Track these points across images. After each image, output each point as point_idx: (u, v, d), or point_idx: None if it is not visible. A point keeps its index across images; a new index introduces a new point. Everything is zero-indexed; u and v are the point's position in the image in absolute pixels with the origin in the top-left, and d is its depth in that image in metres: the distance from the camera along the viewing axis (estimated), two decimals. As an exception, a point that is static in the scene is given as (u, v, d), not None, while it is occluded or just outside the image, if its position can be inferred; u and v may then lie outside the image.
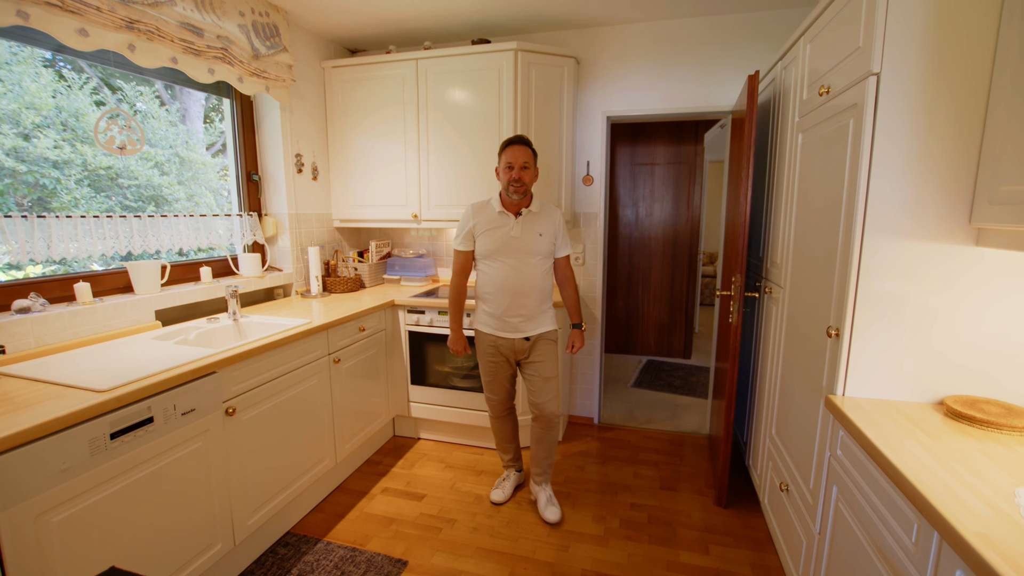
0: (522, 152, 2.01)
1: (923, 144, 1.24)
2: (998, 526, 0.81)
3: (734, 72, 2.79)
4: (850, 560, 1.25)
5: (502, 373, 2.24)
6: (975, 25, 1.18)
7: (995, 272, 1.26)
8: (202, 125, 2.65)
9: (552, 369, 2.18)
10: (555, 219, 2.15)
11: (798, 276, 1.78)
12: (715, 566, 1.96)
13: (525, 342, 2.15)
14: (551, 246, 2.13)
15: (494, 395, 2.29)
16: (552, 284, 2.21)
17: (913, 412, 1.26)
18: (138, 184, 2.31)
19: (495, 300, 2.11)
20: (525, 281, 2.07)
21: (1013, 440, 1.12)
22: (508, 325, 2.13)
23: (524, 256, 2.07)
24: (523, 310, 2.10)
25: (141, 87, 2.32)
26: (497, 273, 2.08)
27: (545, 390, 2.18)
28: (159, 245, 2.22)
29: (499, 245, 2.06)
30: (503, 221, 2.08)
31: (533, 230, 2.08)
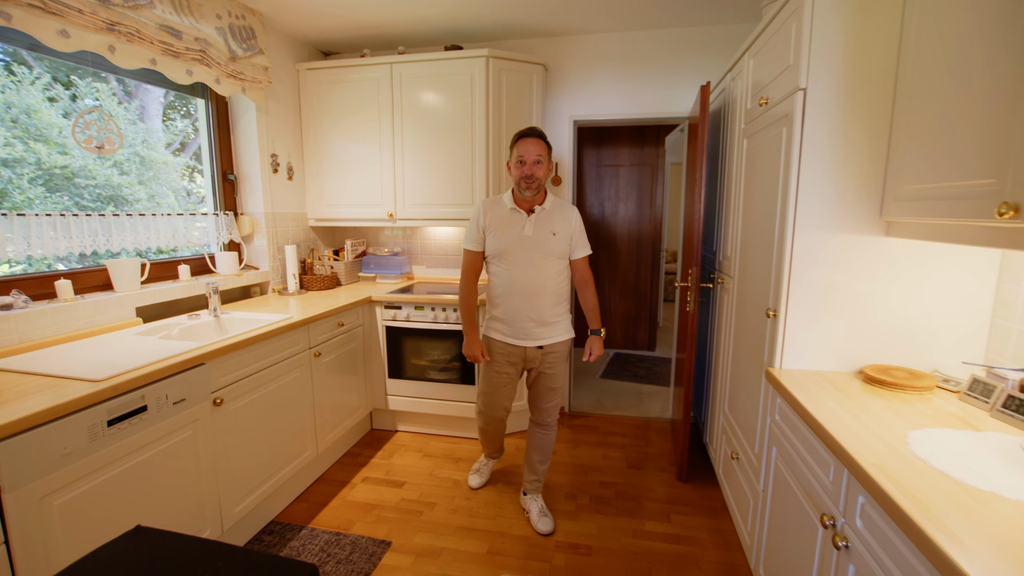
0: (535, 145, 1.88)
1: (842, 150, 1.45)
2: (890, 460, 1.00)
3: (690, 81, 3.02)
4: (786, 508, 1.44)
5: (505, 388, 2.10)
6: (881, 50, 1.40)
7: (902, 258, 1.48)
8: (161, 123, 2.60)
9: (562, 379, 2.11)
10: (571, 218, 2.02)
11: (745, 267, 1.99)
12: (676, 532, 2.15)
13: (537, 351, 2.02)
14: (566, 247, 2.00)
15: (490, 409, 2.16)
16: (568, 288, 2.08)
17: (837, 379, 1.47)
18: (96, 184, 2.25)
19: (506, 303, 1.99)
20: (538, 283, 1.94)
21: (914, 398, 1.33)
22: (521, 331, 1.99)
23: (537, 257, 1.94)
24: (536, 314, 1.97)
25: (97, 84, 2.26)
26: (508, 275, 1.96)
27: (550, 399, 2.12)
28: (124, 244, 2.18)
29: (510, 245, 1.94)
30: (515, 219, 1.96)
31: (546, 229, 1.95)
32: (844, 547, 1.06)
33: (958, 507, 0.85)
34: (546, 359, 2.04)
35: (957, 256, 1.45)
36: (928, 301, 1.49)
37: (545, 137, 1.92)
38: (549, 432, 2.19)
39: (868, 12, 1.39)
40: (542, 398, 2.13)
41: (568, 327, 2.08)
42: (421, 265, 3.60)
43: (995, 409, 1.22)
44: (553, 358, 2.05)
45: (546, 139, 1.92)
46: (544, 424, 2.17)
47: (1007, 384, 1.23)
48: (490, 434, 2.34)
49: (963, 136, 1.11)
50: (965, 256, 1.45)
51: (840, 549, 1.08)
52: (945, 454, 1.02)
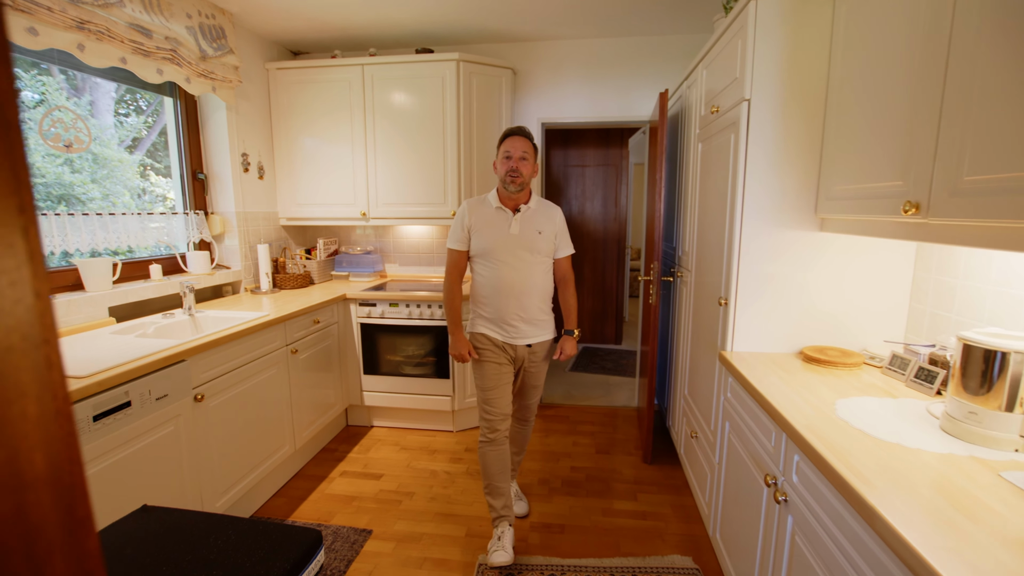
0: (521, 143, 1.89)
1: (782, 155, 1.63)
2: (819, 423, 1.17)
3: (650, 86, 3.19)
4: (737, 476, 1.61)
5: (505, 378, 2.00)
6: (814, 68, 1.57)
7: (835, 251, 1.67)
8: (113, 119, 2.50)
9: (543, 376, 2.12)
10: (555, 217, 2.02)
11: (701, 261, 2.16)
12: (642, 509, 2.31)
13: (527, 349, 2.00)
14: (551, 245, 1.99)
15: (495, 407, 1.97)
16: (552, 286, 2.06)
17: (780, 359, 1.65)
18: (45, 182, 2.16)
19: (493, 303, 1.95)
20: (525, 282, 1.93)
21: (845, 373, 1.51)
22: (511, 330, 1.96)
23: (524, 255, 1.92)
24: (525, 313, 1.95)
25: (44, 78, 2.14)
26: (494, 274, 1.93)
27: (532, 396, 2.15)
28: (79, 245, 2.11)
29: (496, 244, 1.92)
30: (500, 218, 1.94)
31: (532, 228, 1.94)
32: (783, 501, 1.22)
33: (869, 456, 1.01)
34: (531, 357, 2.03)
35: (881, 248, 1.65)
36: (858, 288, 1.68)
37: (531, 137, 1.94)
38: (527, 426, 2.24)
39: (802, 34, 1.56)
40: (525, 396, 2.14)
41: (552, 326, 2.07)
42: (394, 263, 3.66)
43: (909, 379, 1.41)
44: (538, 356, 2.05)
45: (532, 139, 1.94)
46: (524, 419, 2.21)
47: (919, 358, 1.43)
48: (493, 459, 1.98)
49: (879, 144, 1.29)
50: (887, 248, 1.65)
51: (780, 503, 1.24)
52: (865, 417, 1.19)
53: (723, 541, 1.77)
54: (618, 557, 1.98)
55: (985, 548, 0.75)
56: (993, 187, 0.93)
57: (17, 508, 0.24)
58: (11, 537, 0.24)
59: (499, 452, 1.99)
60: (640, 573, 1.89)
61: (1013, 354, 1.02)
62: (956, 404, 1.11)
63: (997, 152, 0.92)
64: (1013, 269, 1.27)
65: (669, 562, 1.94)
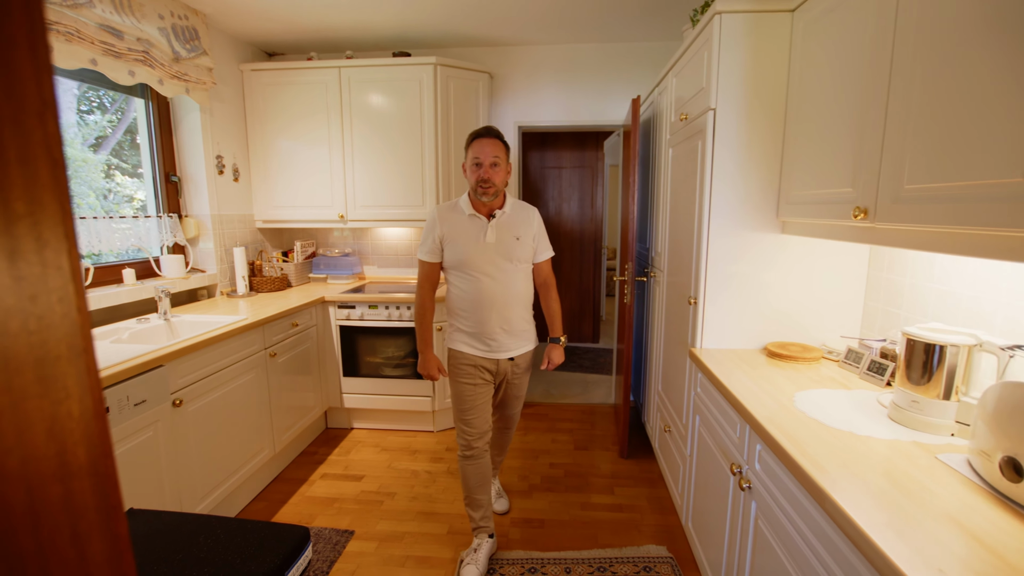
0: (492, 146, 1.73)
1: (745, 161, 1.71)
2: (779, 414, 1.25)
3: (624, 92, 3.28)
4: (707, 467, 1.69)
5: (482, 399, 1.90)
6: (774, 80, 1.67)
7: (796, 251, 1.76)
8: (75, 117, 2.43)
9: (525, 387, 2.05)
10: (532, 219, 1.89)
11: (673, 261, 2.24)
12: (619, 502, 2.38)
13: (510, 362, 1.90)
14: (530, 250, 1.87)
15: (473, 427, 1.89)
16: (532, 293, 1.96)
17: (746, 355, 1.74)
18: None
19: (473, 317, 1.82)
20: (506, 292, 1.81)
21: (805, 367, 1.61)
22: (492, 344, 1.84)
23: (502, 264, 1.80)
24: (508, 325, 1.83)
25: None
26: (472, 286, 1.80)
27: (515, 406, 2.10)
28: None
29: (472, 254, 1.78)
30: (474, 226, 1.80)
31: (509, 234, 1.81)
32: (748, 488, 1.30)
33: (823, 443, 1.10)
34: (514, 370, 1.93)
35: (838, 249, 1.75)
36: (817, 286, 1.79)
37: (502, 137, 1.79)
38: (509, 432, 2.22)
39: (763, 48, 1.65)
40: (507, 406, 2.08)
41: (534, 334, 1.98)
42: (373, 265, 3.66)
43: (863, 372, 1.51)
44: (521, 368, 1.95)
45: (503, 139, 1.78)
46: (505, 427, 2.19)
47: (872, 352, 1.53)
48: (473, 473, 1.93)
49: (832, 153, 1.38)
50: (843, 249, 1.75)
51: (745, 490, 1.32)
52: (821, 407, 1.28)
53: (695, 530, 1.86)
54: (596, 549, 2.05)
55: (918, 522, 0.83)
56: (930, 195, 1.02)
57: (65, 495, 0.28)
58: (61, 519, 0.28)
59: (478, 466, 1.93)
60: (617, 563, 1.96)
61: (949, 347, 1.12)
62: (901, 394, 1.20)
63: (931, 164, 1.01)
64: (952, 269, 1.38)
65: (644, 552, 2.02)
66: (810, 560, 1.00)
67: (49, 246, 0.27)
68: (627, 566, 1.94)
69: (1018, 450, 0.86)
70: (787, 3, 1.61)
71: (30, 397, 0.27)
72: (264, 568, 0.80)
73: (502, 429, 2.20)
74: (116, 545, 0.32)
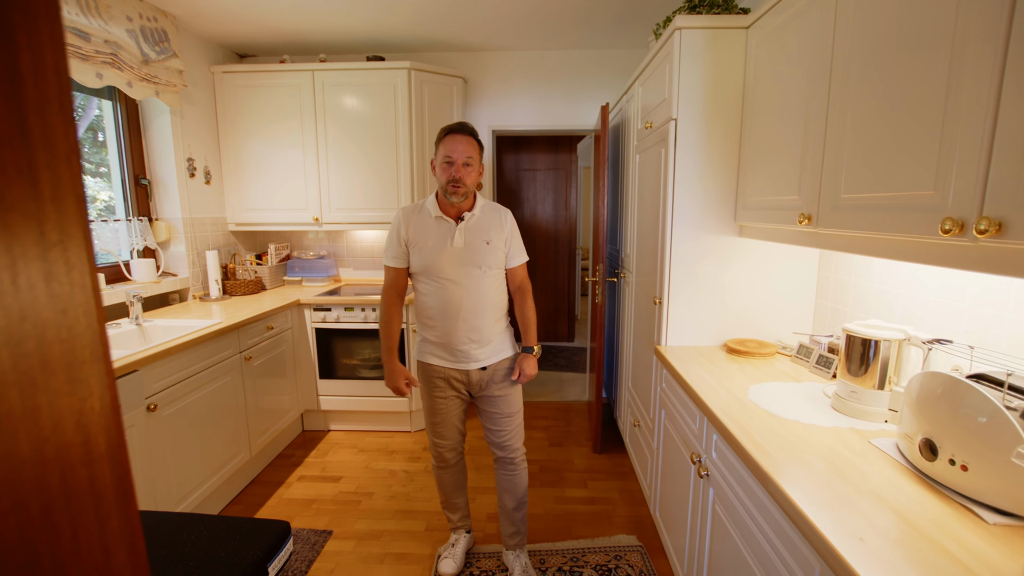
0: (465, 144, 1.62)
1: (705, 168, 1.81)
2: (733, 405, 1.34)
3: (595, 97, 3.37)
4: (671, 458, 1.78)
5: (453, 412, 1.82)
6: (731, 92, 1.77)
7: (753, 253, 1.87)
8: None
9: (516, 403, 1.83)
10: (504, 222, 1.77)
11: (640, 263, 2.34)
12: (592, 495, 2.47)
13: (481, 372, 1.77)
14: (502, 255, 1.75)
15: (442, 440, 1.84)
16: (507, 299, 1.83)
17: (707, 352, 1.84)
18: None
19: (440, 326, 1.72)
20: (475, 300, 1.70)
21: (761, 362, 1.72)
22: (459, 354, 1.73)
23: (470, 270, 1.68)
24: (475, 334, 1.72)
25: None
26: (439, 293, 1.69)
27: (507, 427, 1.83)
28: None
29: (438, 259, 1.67)
30: (441, 229, 1.69)
31: (479, 238, 1.70)
32: (706, 475, 1.39)
33: (771, 432, 1.19)
34: (492, 380, 1.79)
35: (791, 250, 1.87)
36: (773, 286, 1.90)
37: (476, 135, 1.68)
38: (518, 470, 1.87)
39: (721, 62, 1.75)
40: (499, 428, 1.83)
41: (510, 341, 1.84)
42: (348, 267, 3.67)
43: (812, 366, 1.62)
44: (500, 377, 1.79)
45: (477, 137, 1.68)
46: (509, 461, 1.86)
47: (820, 347, 1.64)
48: (448, 480, 1.93)
49: (781, 162, 1.48)
50: (796, 250, 1.87)
51: (703, 478, 1.41)
52: (771, 399, 1.38)
53: (662, 518, 1.95)
54: (570, 540, 2.13)
55: (849, 500, 0.92)
56: (862, 204, 1.12)
57: (90, 477, 0.33)
58: (87, 498, 0.33)
59: (453, 472, 1.92)
60: (589, 553, 2.04)
61: (883, 342, 1.23)
62: (842, 385, 1.31)
63: (863, 176, 1.11)
64: (889, 270, 1.50)
65: (616, 541, 2.10)
66: (759, 539, 1.09)
67: (76, 268, 0.32)
68: (599, 555, 2.02)
69: (935, 432, 0.96)
70: (741, 21, 1.71)
71: (62, 395, 0.32)
72: (248, 559, 0.84)
73: (505, 465, 1.87)
74: (129, 523, 0.37)
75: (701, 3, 1.83)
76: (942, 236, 0.87)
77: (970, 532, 0.83)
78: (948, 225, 0.85)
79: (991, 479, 0.86)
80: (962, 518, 0.86)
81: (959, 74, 0.86)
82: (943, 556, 0.77)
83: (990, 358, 1.10)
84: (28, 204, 0.29)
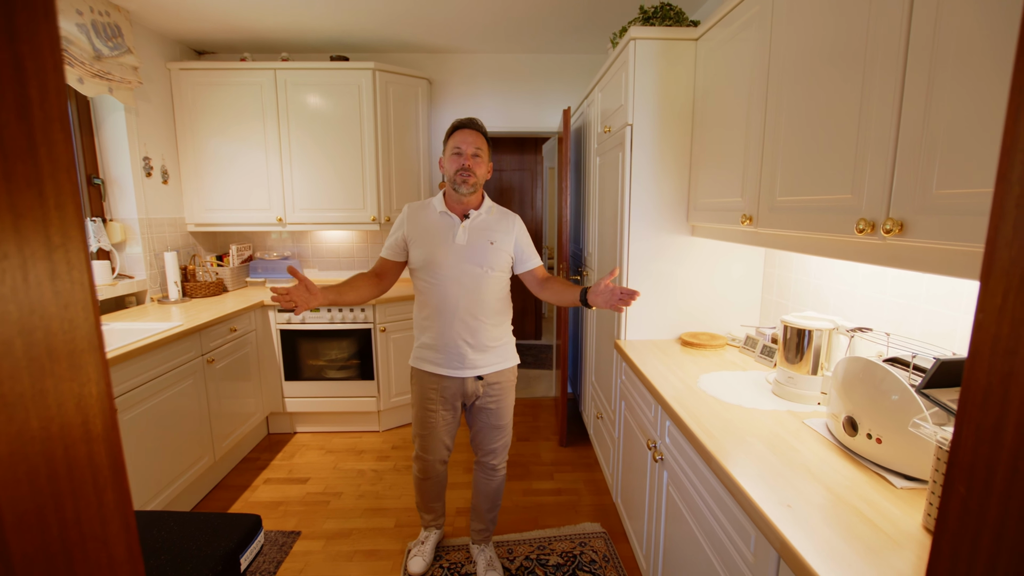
0: (474, 137, 1.62)
1: (659, 171, 1.92)
2: (684, 394, 1.44)
3: (559, 101, 3.46)
4: (631, 446, 1.88)
5: (443, 427, 1.77)
6: (682, 100, 1.88)
7: (705, 251, 1.99)
8: None
9: (507, 415, 1.81)
10: (512, 226, 1.73)
11: (602, 261, 2.43)
12: (559, 487, 2.55)
13: (477, 382, 1.72)
14: (507, 259, 1.71)
15: (429, 454, 1.81)
16: (510, 307, 1.79)
17: (663, 345, 1.94)
18: None
19: (436, 326, 1.67)
20: (472, 299, 1.65)
21: (711, 353, 1.83)
22: (455, 359, 1.68)
23: (471, 268, 1.64)
24: (472, 337, 1.67)
25: None
26: (437, 291, 1.65)
27: (496, 438, 1.81)
28: None
29: (439, 255, 1.63)
30: (445, 225, 1.66)
31: (483, 238, 1.66)
32: (660, 460, 1.49)
33: (717, 417, 1.29)
34: (489, 391, 1.74)
35: (739, 248, 2.00)
36: (723, 281, 2.02)
37: (485, 131, 1.67)
38: (497, 476, 1.88)
39: (672, 71, 1.85)
40: (486, 438, 1.81)
41: (512, 352, 1.79)
42: (313, 268, 3.64)
43: (757, 356, 1.75)
44: (497, 390, 1.74)
45: (486, 134, 1.67)
46: (490, 467, 1.86)
47: (765, 338, 1.77)
48: (428, 489, 1.93)
49: (725, 166, 1.59)
50: (744, 248, 2.00)
51: (658, 462, 1.50)
52: (719, 387, 1.49)
53: (623, 505, 2.05)
54: (537, 530, 2.20)
55: (781, 474, 1.02)
56: (795, 205, 1.23)
57: (89, 454, 0.38)
58: (86, 473, 0.37)
59: (434, 482, 1.92)
60: (556, 541, 2.12)
61: (815, 331, 1.35)
62: (781, 372, 1.43)
63: (794, 179, 1.22)
64: (823, 266, 1.63)
65: (581, 529, 2.19)
66: (707, 516, 1.18)
67: (76, 268, 0.36)
68: (565, 543, 2.10)
69: (855, 411, 1.08)
70: (691, 33, 1.82)
71: (65, 380, 0.36)
72: (220, 552, 0.86)
73: (486, 470, 1.87)
74: (122, 496, 0.41)
75: (654, 15, 1.93)
76: (857, 235, 0.97)
77: (881, 496, 0.94)
78: (862, 225, 0.96)
79: (900, 449, 0.97)
80: (875, 484, 0.98)
81: (869, 87, 0.97)
82: (857, 517, 0.87)
83: (905, 344, 1.23)
84: (36, 211, 0.33)
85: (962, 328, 1.14)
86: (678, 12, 1.94)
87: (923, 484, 0.96)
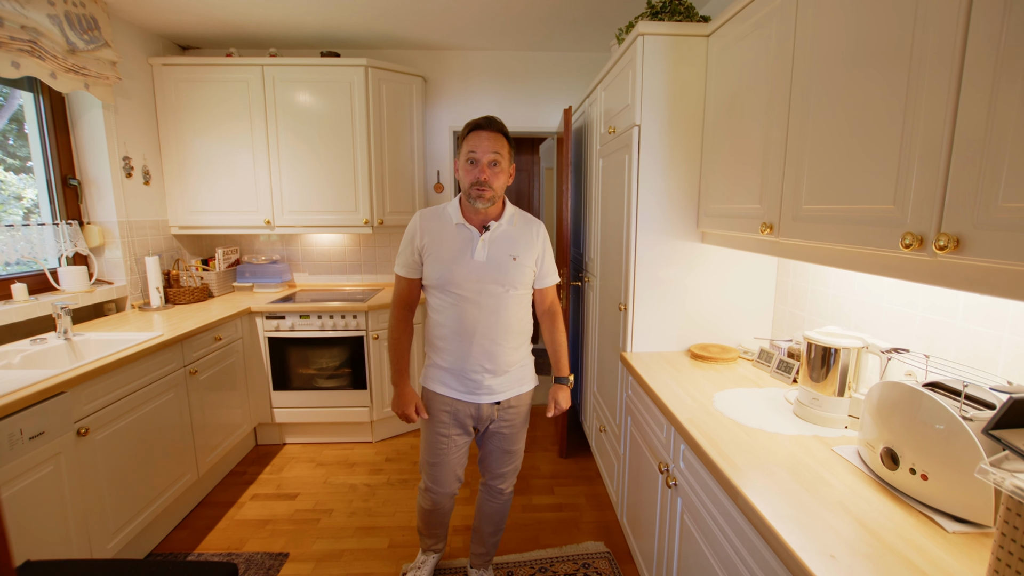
0: (491, 141, 1.43)
1: (668, 175, 1.82)
2: (699, 414, 1.34)
3: (558, 100, 3.36)
4: (638, 465, 1.78)
5: (454, 456, 1.63)
6: (693, 100, 1.78)
7: (715, 259, 1.90)
8: None
9: (521, 439, 1.69)
10: (536, 238, 1.58)
11: (605, 267, 2.33)
12: (559, 502, 2.45)
13: (493, 407, 1.58)
14: (530, 274, 1.56)
15: (439, 485, 1.66)
16: (531, 324, 1.63)
17: (671, 357, 1.84)
18: None
19: (452, 349, 1.53)
20: (493, 322, 1.50)
21: (723, 367, 1.74)
22: (472, 384, 1.54)
23: (492, 288, 1.49)
24: (492, 363, 1.52)
25: None
26: (453, 312, 1.50)
27: (507, 463, 1.70)
28: None
29: (455, 273, 1.47)
30: (462, 238, 1.50)
31: (505, 252, 1.50)
32: (674, 485, 1.39)
33: (736, 442, 1.19)
34: (504, 415, 1.61)
35: (751, 256, 1.90)
36: (734, 291, 1.93)
37: (506, 131, 1.48)
38: (504, 498, 1.76)
39: (682, 70, 1.75)
40: (496, 462, 1.69)
41: (531, 375, 1.66)
42: (303, 272, 3.51)
43: (773, 371, 1.65)
44: (513, 414, 1.62)
45: (507, 133, 1.48)
46: (497, 491, 1.74)
47: (780, 352, 1.68)
48: (434, 520, 1.79)
49: (742, 171, 1.50)
50: (756, 257, 1.91)
51: (671, 487, 1.40)
52: (736, 406, 1.39)
53: (629, 525, 1.95)
54: (538, 550, 2.10)
55: (815, 513, 0.93)
56: (824, 215, 1.13)
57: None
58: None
59: (441, 514, 1.79)
60: (558, 562, 2.01)
61: (842, 350, 1.25)
62: (804, 392, 1.33)
63: (824, 187, 1.13)
64: (843, 278, 1.54)
65: (583, 549, 2.09)
66: (728, 551, 1.09)
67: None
68: (567, 564, 2.00)
69: (895, 441, 0.98)
70: (702, 29, 1.72)
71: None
72: (187, 614, 0.76)
73: (492, 494, 1.75)
74: None
75: (663, 9, 1.84)
76: (903, 250, 0.88)
77: (931, 542, 0.84)
78: (908, 240, 0.86)
79: (950, 488, 0.88)
80: (923, 527, 0.88)
81: (916, 88, 0.87)
82: (909, 570, 0.78)
83: (942, 366, 1.14)
84: None
85: (1007, 348, 1.05)
86: (688, 6, 1.84)
87: (978, 528, 0.86)
